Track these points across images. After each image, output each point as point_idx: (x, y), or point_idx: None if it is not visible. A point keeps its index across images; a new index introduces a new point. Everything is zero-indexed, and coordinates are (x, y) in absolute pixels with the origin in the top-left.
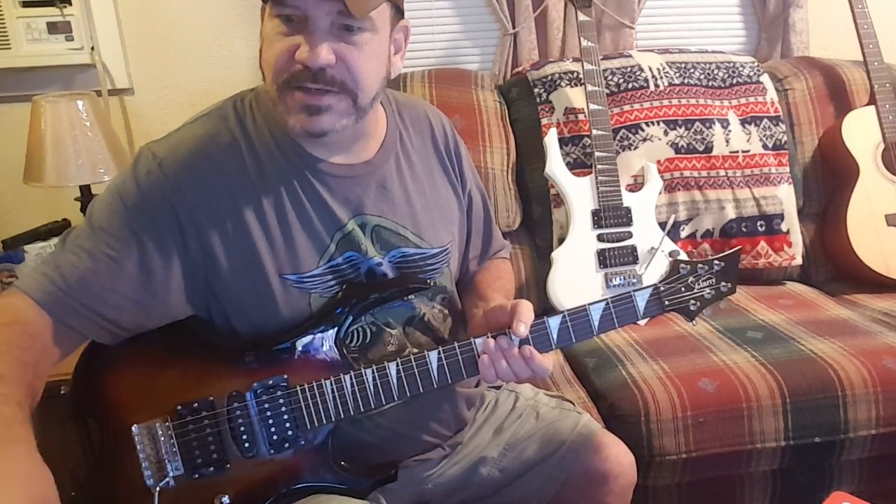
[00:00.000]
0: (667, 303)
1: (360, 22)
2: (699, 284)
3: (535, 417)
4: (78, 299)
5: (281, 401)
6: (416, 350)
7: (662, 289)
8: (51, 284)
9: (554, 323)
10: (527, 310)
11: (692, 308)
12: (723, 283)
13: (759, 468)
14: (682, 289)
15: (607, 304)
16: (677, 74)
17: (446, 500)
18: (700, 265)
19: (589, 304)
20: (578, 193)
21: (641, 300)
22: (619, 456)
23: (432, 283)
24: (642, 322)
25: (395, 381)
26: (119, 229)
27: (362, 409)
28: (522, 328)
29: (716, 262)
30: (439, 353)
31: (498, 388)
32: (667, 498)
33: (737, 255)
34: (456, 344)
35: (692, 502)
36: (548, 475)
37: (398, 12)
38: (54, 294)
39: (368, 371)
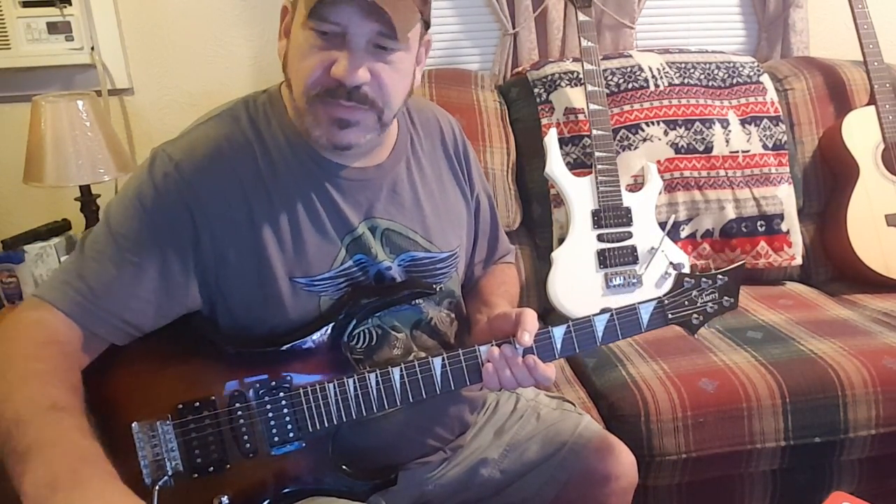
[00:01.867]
0: (670, 316)
1: (396, 42)
2: (702, 298)
3: (535, 419)
4: (105, 307)
5: (283, 402)
6: (421, 354)
7: (667, 302)
8: (77, 294)
9: (558, 333)
10: (531, 319)
11: (695, 322)
12: (725, 298)
13: (759, 468)
14: (686, 302)
15: (612, 315)
16: (677, 74)
17: (447, 502)
18: (704, 279)
19: (593, 315)
20: (578, 193)
21: (645, 313)
22: (620, 457)
23: (439, 288)
24: None
25: (398, 386)
26: (139, 234)
27: (364, 413)
28: (527, 338)
29: (719, 276)
30: (443, 360)
31: (499, 389)
32: (667, 498)
33: (740, 270)
34: (460, 351)
35: (692, 502)
36: (549, 476)
37: (426, 27)
38: (82, 304)
39: (372, 375)
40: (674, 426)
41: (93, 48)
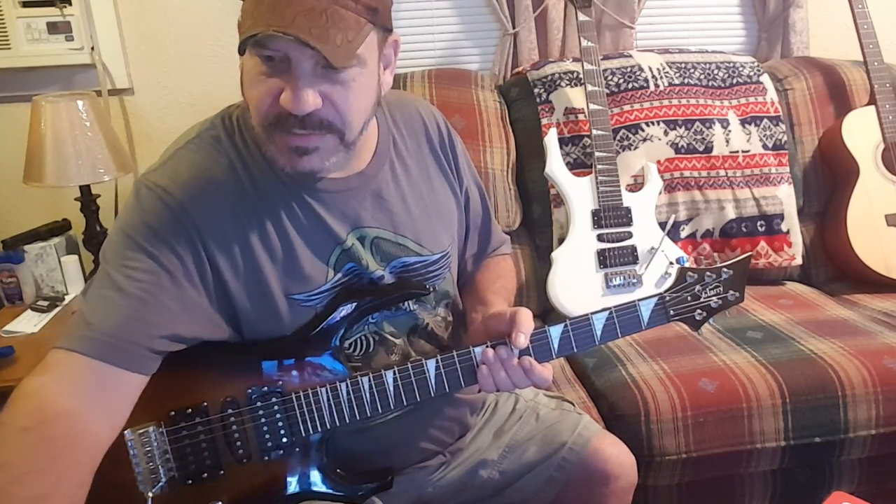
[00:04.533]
0: (672, 312)
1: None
2: (706, 293)
3: (535, 419)
4: (122, 338)
5: (276, 407)
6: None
7: (668, 298)
8: (88, 331)
9: (555, 332)
10: (526, 319)
11: (698, 318)
12: (731, 292)
13: (759, 468)
14: (689, 298)
15: (611, 313)
16: (677, 74)
17: (446, 503)
18: (707, 273)
19: (592, 314)
20: (578, 193)
21: (646, 309)
22: (619, 457)
23: (432, 290)
24: None
25: (391, 389)
26: (141, 263)
27: (358, 417)
28: (522, 339)
29: (724, 269)
30: (437, 362)
31: (495, 391)
32: (667, 498)
33: (746, 263)
34: (455, 353)
35: (692, 502)
36: (548, 477)
37: (386, 31)
38: (95, 339)
39: (365, 379)
40: (674, 426)
41: (93, 48)
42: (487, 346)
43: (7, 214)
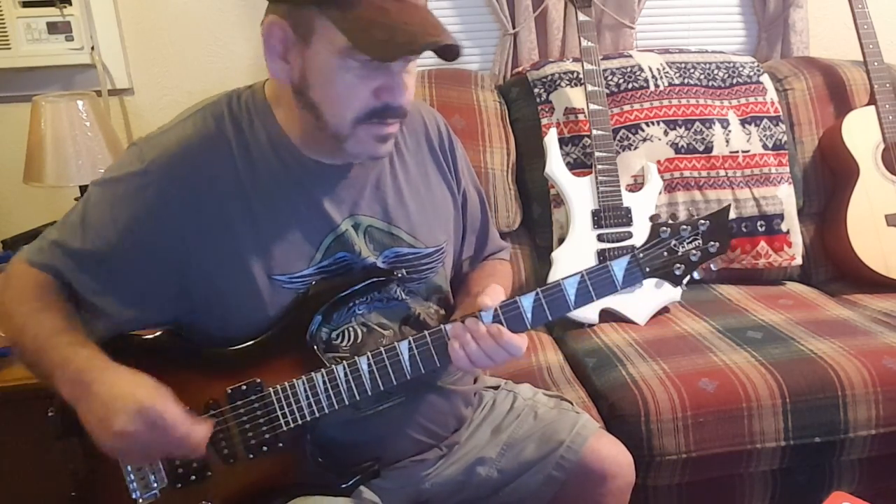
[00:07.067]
0: (648, 269)
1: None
2: (683, 247)
3: (533, 417)
4: (80, 267)
5: (255, 404)
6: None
7: (641, 256)
8: (54, 247)
9: (527, 302)
10: (494, 290)
11: (677, 272)
12: (711, 243)
13: (759, 468)
14: (665, 253)
15: (582, 276)
16: (677, 74)
17: (444, 501)
18: (683, 227)
19: (563, 279)
20: (578, 193)
21: (619, 269)
22: (617, 456)
23: (398, 274)
24: (641, 321)
25: (366, 374)
26: (110, 231)
27: (336, 407)
28: (487, 300)
29: (700, 221)
30: (410, 343)
31: (496, 388)
32: (667, 498)
33: (725, 213)
34: (426, 332)
35: (692, 502)
36: (546, 475)
37: None
38: (58, 257)
39: (339, 367)
40: (674, 426)
41: (93, 48)
42: (457, 321)
43: (7, 214)
